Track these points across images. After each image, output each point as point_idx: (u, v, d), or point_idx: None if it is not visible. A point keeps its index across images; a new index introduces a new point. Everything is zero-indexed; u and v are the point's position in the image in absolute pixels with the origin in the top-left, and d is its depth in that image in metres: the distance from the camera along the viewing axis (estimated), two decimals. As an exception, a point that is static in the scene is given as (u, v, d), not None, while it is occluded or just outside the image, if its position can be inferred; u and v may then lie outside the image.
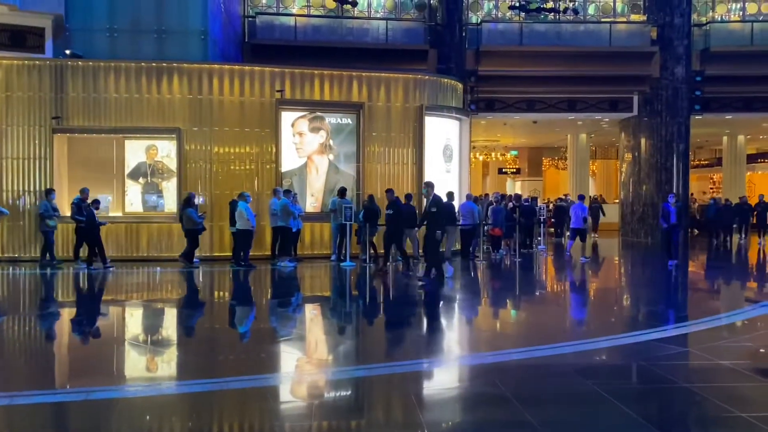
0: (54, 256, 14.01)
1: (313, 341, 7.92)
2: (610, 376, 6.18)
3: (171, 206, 15.51)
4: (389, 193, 13.66)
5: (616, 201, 28.17)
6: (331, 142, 16.21)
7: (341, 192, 15.03)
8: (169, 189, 15.63)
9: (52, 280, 12.84)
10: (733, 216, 22.14)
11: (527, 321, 9.43)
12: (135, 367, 6.82)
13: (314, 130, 16.06)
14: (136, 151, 15.75)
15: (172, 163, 15.51)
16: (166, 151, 15.66)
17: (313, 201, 16.18)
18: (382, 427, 4.97)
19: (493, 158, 35.48)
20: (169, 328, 9.02)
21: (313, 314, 9.96)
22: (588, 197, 19.21)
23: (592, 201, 24.80)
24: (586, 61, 21.27)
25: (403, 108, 16.45)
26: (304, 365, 6.70)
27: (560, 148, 34.00)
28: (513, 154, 35.65)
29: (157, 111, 15.18)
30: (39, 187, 14.72)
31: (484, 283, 13.22)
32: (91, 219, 13.37)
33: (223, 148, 15.37)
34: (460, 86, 18.82)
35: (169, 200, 15.64)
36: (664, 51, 21.49)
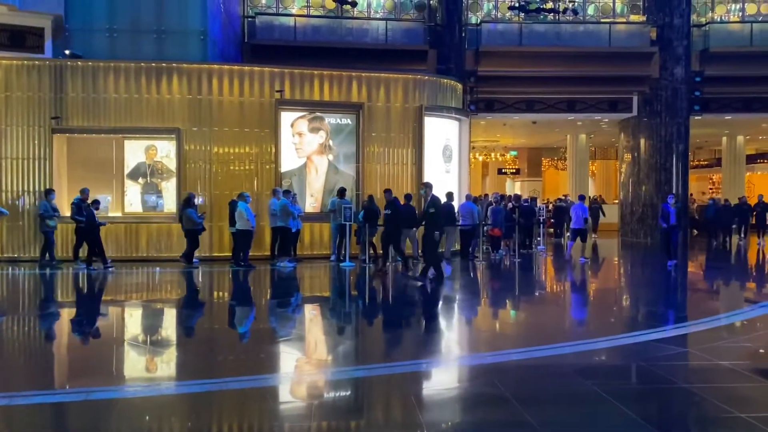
0: (54, 256, 14.02)
1: (312, 341, 7.92)
2: (610, 376, 6.18)
3: (170, 206, 15.51)
4: (387, 194, 13.67)
5: (616, 201, 28.18)
6: (331, 142, 16.22)
7: (341, 192, 15.03)
8: (169, 189, 15.64)
9: (51, 281, 12.84)
10: (733, 216, 22.14)
11: (527, 321, 9.43)
12: (134, 367, 6.82)
13: (314, 130, 16.06)
14: (135, 152, 15.75)
15: (172, 164, 15.51)
16: (166, 151, 15.66)
17: (312, 201, 16.19)
18: (382, 427, 4.97)
19: (493, 158, 35.52)
20: (169, 329, 9.02)
21: (312, 314, 9.96)
22: (588, 198, 19.20)
23: (592, 201, 24.80)
24: (585, 61, 21.29)
25: (402, 108, 16.45)
26: (304, 365, 6.70)
27: (560, 149, 34.01)
28: (512, 154, 35.66)
29: (157, 111, 15.19)
30: (38, 188, 14.72)
31: (483, 283, 13.22)
32: (91, 219, 13.36)
33: (223, 149, 15.37)
34: (460, 87, 18.83)
35: (169, 200, 15.64)
36: (664, 51, 21.51)
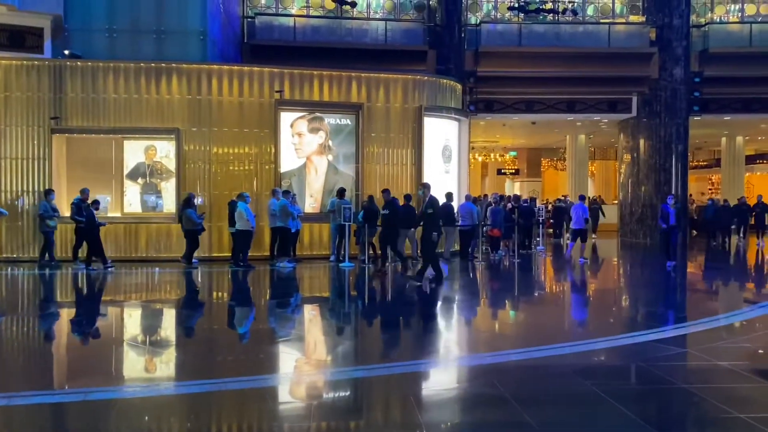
0: (53, 256, 14.02)
1: (311, 342, 7.92)
2: (609, 376, 6.18)
3: (170, 207, 15.50)
4: (385, 194, 13.67)
5: (615, 202, 28.19)
6: (330, 142, 16.21)
7: (340, 192, 15.02)
8: (168, 189, 15.63)
9: (51, 281, 12.83)
10: (731, 217, 22.15)
11: (526, 322, 9.43)
12: (133, 367, 6.81)
13: (313, 130, 16.06)
14: (135, 152, 15.74)
15: (171, 164, 15.50)
16: (165, 151, 15.66)
17: (312, 202, 16.18)
18: (381, 427, 4.97)
19: (492, 159, 35.53)
20: (168, 329, 9.02)
21: (311, 315, 9.96)
22: (587, 198, 19.22)
23: (592, 202, 24.82)
24: (585, 62, 21.30)
25: (402, 109, 16.45)
26: (303, 366, 6.69)
27: (559, 149, 34.02)
28: (512, 154, 35.67)
29: (156, 111, 15.18)
30: (38, 188, 14.71)
31: (482, 283, 13.22)
32: (90, 220, 13.36)
33: (222, 149, 15.36)
34: (459, 87, 18.84)
35: (168, 201, 15.63)
36: (663, 52, 21.51)
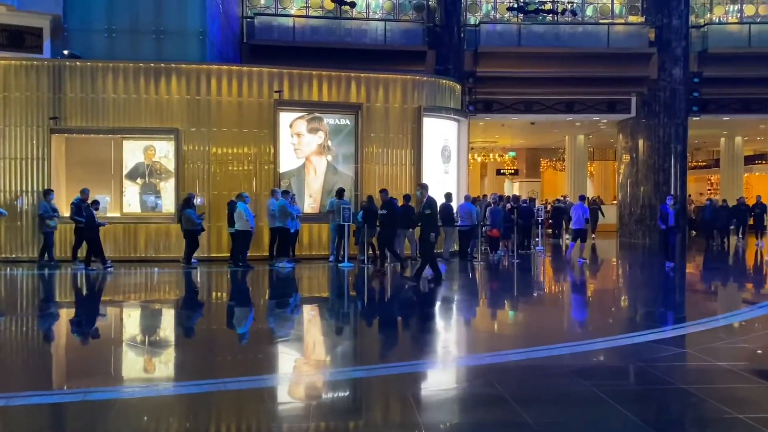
0: (53, 256, 14.01)
1: (311, 342, 7.92)
2: (608, 377, 6.18)
3: (169, 207, 15.50)
4: (383, 194, 13.67)
5: (614, 202, 28.20)
6: (330, 142, 16.21)
7: (339, 193, 15.02)
8: (167, 189, 15.61)
9: (50, 281, 12.82)
10: (730, 217, 22.16)
11: (525, 322, 9.43)
12: (132, 367, 6.81)
13: (312, 130, 16.06)
14: (134, 152, 15.73)
15: (170, 164, 15.49)
16: (164, 151, 15.64)
17: (311, 202, 16.18)
18: (380, 428, 4.97)
19: (491, 159, 35.57)
20: (167, 329, 9.02)
21: (311, 315, 9.96)
22: (587, 198, 19.24)
23: (591, 202, 24.83)
24: (584, 62, 21.32)
25: (401, 109, 16.45)
26: (302, 366, 6.69)
27: (558, 150, 34.04)
28: (511, 155, 35.70)
29: (155, 111, 15.18)
30: (37, 188, 14.70)
31: (482, 284, 13.22)
32: (90, 220, 13.35)
33: (221, 149, 15.36)
34: (459, 87, 18.84)
35: (167, 201, 15.61)
36: (662, 52, 21.53)
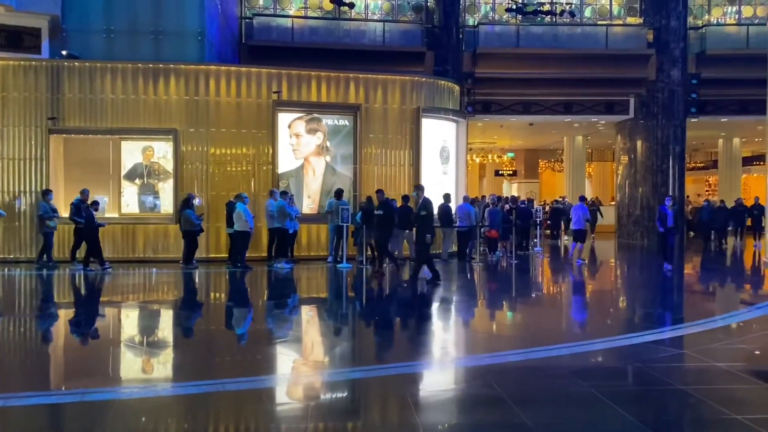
0: (51, 257, 13.99)
1: (309, 343, 7.92)
2: (606, 377, 6.19)
3: (167, 207, 15.48)
4: (379, 194, 13.68)
5: (612, 203, 28.24)
6: (328, 143, 16.21)
7: (338, 193, 15.02)
8: (166, 190, 15.60)
9: (48, 282, 12.81)
10: (727, 218, 22.18)
11: (523, 323, 9.44)
12: (130, 368, 6.80)
13: (311, 131, 16.06)
14: (132, 152, 15.72)
15: (169, 165, 15.48)
16: (163, 152, 15.63)
17: (309, 202, 16.18)
18: (378, 428, 4.96)
19: (490, 160, 35.61)
20: (165, 330, 9.01)
21: (309, 316, 9.96)
22: (587, 199, 19.26)
23: (590, 204, 24.85)
24: (582, 63, 21.34)
25: (400, 110, 16.46)
26: (301, 367, 6.69)
27: (556, 151, 34.08)
28: (509, 156, 35.74)
29: (154, 112, 15.17)
30: (35, 188, 14.68)
31: (480, 284, 13.22)
32: (90, 220, 13.34)
33: (220, 150, 15.35)
34: (457, 88, 18.86)
35: (166, 201, 15.60)
36: (660, 54, 21.57)
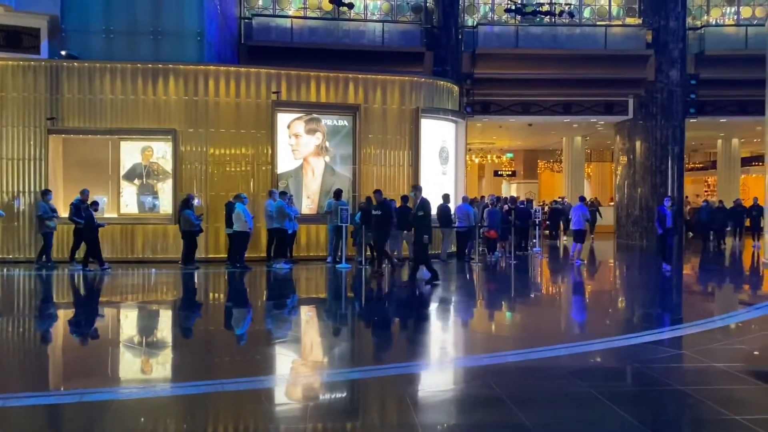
0: (50, 257, 13.98)
1: (308, 343, 7.92)
2: (605, 378, 6.19)
3: (166, 208, 15.48)
4: (377, 194, 13.69)
5: (611, 203, 28.25)
6: (327, 143, 16.21)
7: (337, 194, 15.02)
8: (165, 190, 15.60)
9: (47, 282, 12.79)
10: (725, 218, 22.19)
11: (522, 323, 9.44)
12: (129, 368, 6.80)
13: (310, 131, 16.05)
14: (131, 153, 15.72)
15: (168, 165, 15.48)
16: (162, 152, 15.63)
17: (309, 203, 16.18)
18: (378, 429, 4.97)
19: (489, 161, 35.63)
20: (164, 330, 9.00)
21: (308, 316, 9.96)
22: (586, 200, 19.27)
23: (589, 204, 24.85)
24: (581, 64, 21.35)
25: (399, 110, 16.46)
26: (300, 367, 6.69)
27: (555, 151, 34.10)
28: (508, 156, 35.76)
29: (153, 112, 15.16)
30: (34, 189, 14.67)
31: (479, 285, 13.23)
32: (90, 221, 13.33)
33: (219, 150, 15.35)
34: (456, 89, 18.86)
35: (165, 202, 15.60)
36: (659, 54, 21.59)
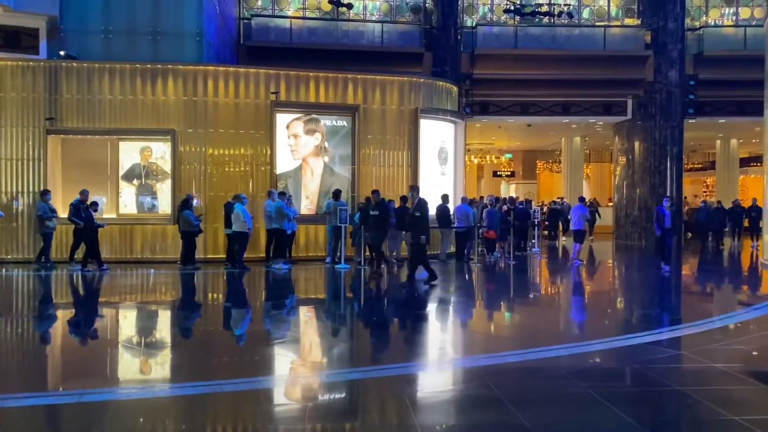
0: (49, 258, 13.97)
1: (307, 344, 7.92)
2: (604, 378, 6.19)
3: (165, 208, 15.47)
4: (375, 194, 13.71)
5: (610, 204, 28.26)
6: (326, 144, 16.21)
7: (336, 194, 15.02)
8: (164, 191, 15.60)
9: (46, 282, 12.78)
10: (724, 219, 22.21)
11: (521, 324, 9.44)
12: (128, 369, 6.79)
13: (309, 132, 16.05)
14: (130, 153, 15.71)
15: (167, 165, 15.47)
16: (161, 152, 15.63)
17: (308, 203, 16.18)
18: (377, 429, 4.96)
19: (488, 161, 35.64)
20: (163, 330, 9.00)
21: (307, 317, 9.96)
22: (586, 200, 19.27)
23: (588, 204, 24.85)
24: (580, 64, 21.38)
25: (398, 111, 16.46)
26: (299, 368, 6.69)
27: (554, 152, 34.11)
28: (507, 157, 35.78)
29: (152, 112, 15.16)
30: (33, 189, 14.67)
31: (478, 285, 13.23)
32: (89, 221, 13.31)
33: (218, 150, 15.34)
34: (455, 89, 18.86)
35: (164, 202, 15.59)
36: (658, 55, 21.62)
